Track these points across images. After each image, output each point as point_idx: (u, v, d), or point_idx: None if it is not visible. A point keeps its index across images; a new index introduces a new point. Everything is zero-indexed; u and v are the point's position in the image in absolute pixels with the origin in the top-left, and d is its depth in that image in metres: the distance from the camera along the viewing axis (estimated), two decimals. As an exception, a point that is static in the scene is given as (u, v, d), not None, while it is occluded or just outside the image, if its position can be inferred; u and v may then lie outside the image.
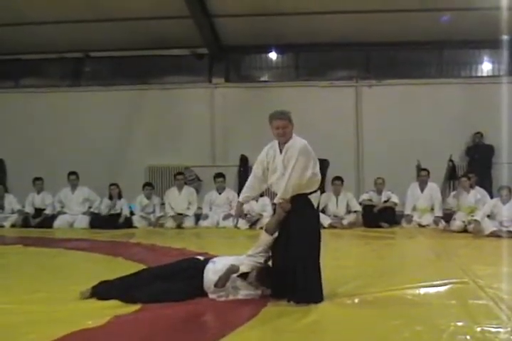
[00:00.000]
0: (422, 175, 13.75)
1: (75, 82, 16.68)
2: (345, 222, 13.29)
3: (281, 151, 6.12)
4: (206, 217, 13.83)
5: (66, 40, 15.47)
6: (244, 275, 6.03)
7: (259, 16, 14.37)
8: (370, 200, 13.62)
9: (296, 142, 6.05)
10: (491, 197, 12.62)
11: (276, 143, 6.23)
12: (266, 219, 13.27)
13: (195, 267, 6.23)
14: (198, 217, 13.96)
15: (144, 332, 4.95)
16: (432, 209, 13.45)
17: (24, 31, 14.92)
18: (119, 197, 14.01)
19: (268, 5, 13.95)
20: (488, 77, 15.58)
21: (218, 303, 5.87)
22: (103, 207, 13.92)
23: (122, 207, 13.90)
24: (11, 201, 14.44)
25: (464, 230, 12.17)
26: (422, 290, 6.36)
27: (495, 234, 11.27)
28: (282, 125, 6.05)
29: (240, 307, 5.72)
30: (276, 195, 6.08)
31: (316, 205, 6.07)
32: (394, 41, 15.15)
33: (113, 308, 5.59)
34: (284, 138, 6.09)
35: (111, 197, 13.98)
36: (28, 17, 14.38)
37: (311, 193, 6.01)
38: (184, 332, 4.99)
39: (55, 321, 5.19)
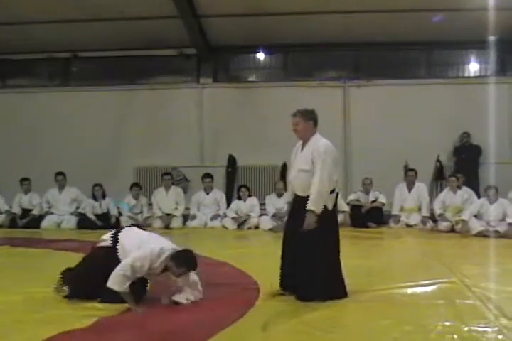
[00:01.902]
0: (410, 175, 13.80)
1: (64, 82, 16.61)
2: (333, 222, 13.29)
3: (302, 149, 6.32)
4: (194, 217, 13.82)
5: (55, 40, 15.40)
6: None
7: (247, 16, 14.35)
8: (358, 200, 13.66)
9: (318, 142, 6.24)
10: (478, 197, 12.69)
11: (300, 142, 6.43)
12: (254, 219, 13.33)
13: None
14: (185, 218, 13.95)
15: (131, 333, 4.95)
16: (420, 209, 13.49)
17: (12, 31, 14.84)
18: (103, 197, 13.99)
19: (257, 5, 13.92)
20: (475, 77, 15.61)
21: (206, 302, 5.88)
22: (88, 209, 13.85)
23: (108, 206, 13.88)
24: (-2, 201, 14.43)
25: (452, 230, 12.24)
26: (410, 290, 6.40)
27: (482, 234, 11.36)
28: (294, 122, 6.31)
29: (229, 306, 5.73)
30: (294, 192, 6.33)
31: (330, 206, 6.10)
32: (383, 42, 15.18)
33: (99, 310, 5.59)
34: (298, 135, 6.34)
35: (95, 198, 13.95)
36: (16, 16, 14.29)
37: None
38: (172, 332, 4.99)
39: (42, 322, 5.20)
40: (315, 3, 13.72)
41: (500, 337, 4.74)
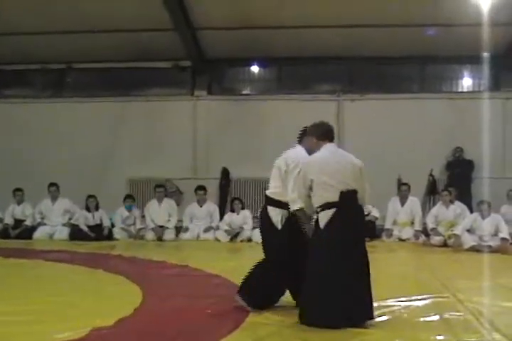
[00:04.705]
0: (403, 190, 13.83)
1: (57, 93, 16.61)
2: (326, 235, 13.28)
3: None
4: (187, 229, 13.78)
5: (49, 51, 15.42)
6: None
7: (242, 29, 14.40)
8: (351, 214, 13.62)
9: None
10: (471, 212, 12.71)
11: None
12: (247, 232, 13.32)
13: None
14: (178, 230, 13.92)
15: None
16: (412, 223, 13.50)
17: (7, 41, 14.86)
18: (97, 208, 13.95)
19: (252, 18, 13.98)
20: (469, 92, 15.70)
21: (198, 315, 5.86)
22: (81, 221, 13.79)
23: (102, 218, 13.85)
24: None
25: (444, 244, 12.24)
26: (403, 304, 6.39)
27: (474, 249, 11.36)
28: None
29: (221, 319, 5.71)
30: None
31: (322, 224, 5.71)
32: (377, 56, 15.23)
33: (91, 320, 5.55)
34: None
35: (88, 209, 13.92)
36: (11, 27, 14.29)
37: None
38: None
39: (31, 333, 5.16)
40: (309, 17, 13.77)
41: (492, 351, 4.74)
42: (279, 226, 6.13)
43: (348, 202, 5.69)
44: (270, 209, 6.20)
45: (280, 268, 6.11)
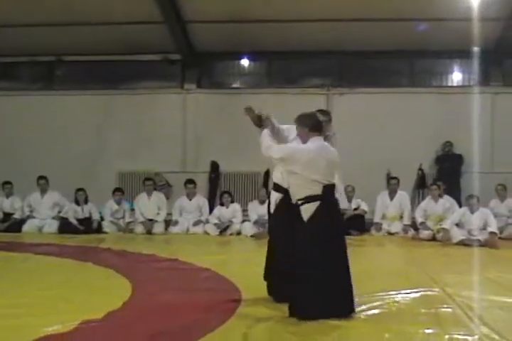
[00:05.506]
0: (392, 184, 13.85)
1: (47, 85, 16.53)
2: (315, 229, 13.29)
3: None
4: (176, 223, 13.78)
5: (38, 44, 15.34)
6: None
7: (232, 23, 14.39)
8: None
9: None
10: (460, 206, 12.75)
11: None
12: (236, 225, 13.35)
13: None
14: (167, 223, 13.91)
15: (113, 338, 4.93)
16: (401, 217, 13.53)
17: (-4, 34, 14.82)
18: (86, 201, 13.93)
19: (242, 12, 13.98)
20: (458, 86, 15.72)
21: (187, 308, 5.86)
22: (70, 214, 13.77)
23: (91, 211, 13.82)
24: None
25: (433, 238, 12.27)
26: (391, 298, 6.39)
27: (463, 243, 11.39)
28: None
29: (210, 313, 5.71)
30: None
31: (306, 217, 5.66)
32: (367, 50, 15.23)
33: (80, 313, 5.54)
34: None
35: (77, 202, 13.89)
36: (0, 19, 14.26)
37: None
38: (153, 336, 4.98)
39: (21, 326, 5.15)
40: (299, 11, 13.76)
41: (480, 345, 4.76)
42: (272, 210, 6.17)
43: (329, 196, 5.76)
44: (271, 193, 6.32)
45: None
